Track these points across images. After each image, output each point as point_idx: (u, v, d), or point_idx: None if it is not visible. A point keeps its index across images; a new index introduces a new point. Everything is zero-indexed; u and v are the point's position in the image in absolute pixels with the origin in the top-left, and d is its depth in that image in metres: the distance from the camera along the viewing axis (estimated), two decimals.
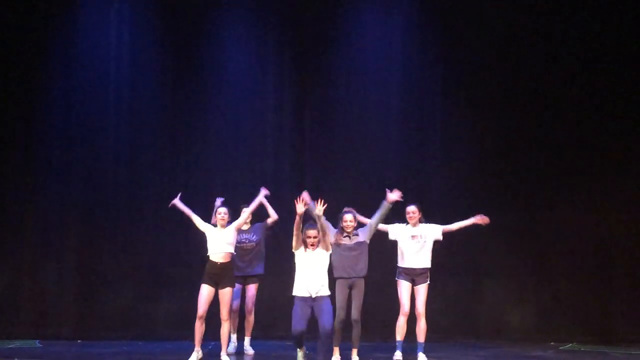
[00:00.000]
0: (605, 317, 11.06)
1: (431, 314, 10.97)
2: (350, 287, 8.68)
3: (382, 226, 9.12)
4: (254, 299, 9.75)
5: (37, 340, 10.90)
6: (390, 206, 8.82)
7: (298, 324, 7.94)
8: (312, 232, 8.10)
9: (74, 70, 11.66)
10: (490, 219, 9.22)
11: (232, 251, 8.95)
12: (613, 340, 10.83)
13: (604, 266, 11.10)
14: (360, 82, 11.71)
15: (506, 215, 11.02)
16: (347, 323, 8.64)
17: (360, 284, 8.71)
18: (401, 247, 9.17)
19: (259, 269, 9.82)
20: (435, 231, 9.22)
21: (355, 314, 8.65)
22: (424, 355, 9.03)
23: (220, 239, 8.86)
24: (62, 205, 11.49)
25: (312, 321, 8.05)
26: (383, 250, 9.39)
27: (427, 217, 9.26)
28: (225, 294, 8.85)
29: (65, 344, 10.78)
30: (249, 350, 9.77)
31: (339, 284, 8.67)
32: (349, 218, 8.77)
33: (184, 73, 11.73)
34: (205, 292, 8.83)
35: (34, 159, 11.54)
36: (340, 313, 8.57)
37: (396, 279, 9.17)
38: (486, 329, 11.17)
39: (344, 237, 8.75)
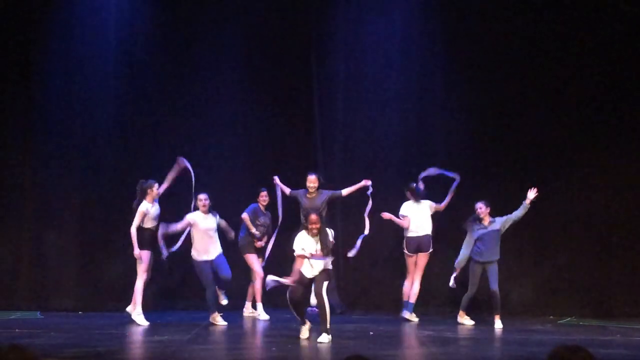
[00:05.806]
0: (604, 291, 11.09)
1: (431, 287, 11.04)
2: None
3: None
4: None
5: (38, 312, 10.93)
6: (529, 206, 9.95)
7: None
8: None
9: (74, 22, 11.53)
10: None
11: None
12: (611, 315, 10.86)
13: (603, 241, 11.10)
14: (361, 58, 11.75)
15: (506, 190, 11.01)
16: None
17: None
18: None
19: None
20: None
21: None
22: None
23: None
24: (62, 176, 11.45)
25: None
26: None
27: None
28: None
29: (67, 315, 10.82)
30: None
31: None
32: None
33: (186, 38, 11.72)
34: None
35: (33, 127, 11.49)
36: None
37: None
38: (486, 303, 11.15)
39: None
